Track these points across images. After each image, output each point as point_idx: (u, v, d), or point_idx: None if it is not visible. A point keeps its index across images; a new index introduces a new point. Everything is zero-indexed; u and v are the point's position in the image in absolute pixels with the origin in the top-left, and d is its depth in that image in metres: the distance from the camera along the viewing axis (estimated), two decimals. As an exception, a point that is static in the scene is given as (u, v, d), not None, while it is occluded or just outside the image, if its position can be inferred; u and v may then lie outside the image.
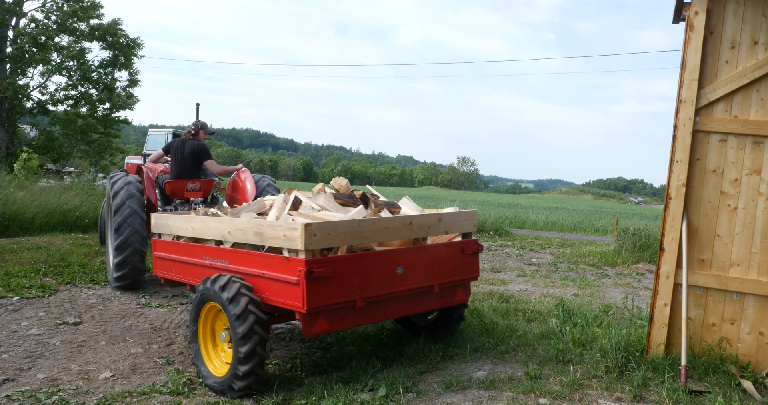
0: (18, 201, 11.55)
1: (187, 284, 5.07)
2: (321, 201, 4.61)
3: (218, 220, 4.58)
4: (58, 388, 4.03)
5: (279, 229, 3.89)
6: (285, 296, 3.88)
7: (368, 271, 4.08)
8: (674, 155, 4.69)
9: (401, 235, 4.37)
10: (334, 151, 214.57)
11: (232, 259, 4.36)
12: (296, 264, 3.75)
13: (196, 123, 7.65)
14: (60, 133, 25.50)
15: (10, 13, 24.08)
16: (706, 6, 4.56)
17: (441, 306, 4.79)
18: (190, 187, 7.45)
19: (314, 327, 3.87)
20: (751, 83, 4.53)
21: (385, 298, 4.23)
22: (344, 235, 3.94)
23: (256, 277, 4.09)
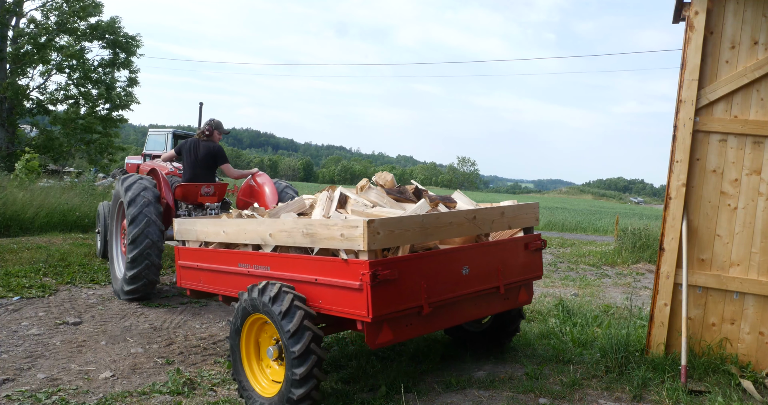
0: (18, 201, 11.55)
1: (219, 295, 4.66)
2: (373, 196, 4.22)
3: (257, 223, 4.15)
4: (58, 388, 4.03)
5: (334, 229, 3.47)
6: (343, 304, 3.46)
7: (434, 273, 3.66)
8: (674, 155, 4.69)
9: (465, 232, 3.93)
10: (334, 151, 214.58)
11: (275, 264, 3.95)
12: (358, 267, 3.33)
13: (210, 122, 7.13)
14: (60, 133, 25.50)
15: (10, 13, 24.08)
16: (706, 6, 4.57)
17: (505, 309, 4.36)
18: (204, 191, 6.89)
19: (379, 337, 3.44)
20: (751, 83, 4.53)
21: (451, 302, 3.83)
22: (408, 233, 3.50)
23: (306, 284, 3.69)
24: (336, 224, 3.47)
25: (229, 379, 4.32)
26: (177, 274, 5.12)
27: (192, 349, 5.02)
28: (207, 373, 4.43)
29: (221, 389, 4.15)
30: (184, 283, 5.02)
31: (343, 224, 3.42)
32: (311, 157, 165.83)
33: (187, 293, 5.10)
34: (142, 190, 6.32)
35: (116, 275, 6.77)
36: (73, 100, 26.13)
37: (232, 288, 4.40)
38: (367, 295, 3.30)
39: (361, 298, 3.34)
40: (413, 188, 4.39)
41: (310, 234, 3.67)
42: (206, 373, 4.43)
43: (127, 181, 6.48)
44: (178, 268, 5.09)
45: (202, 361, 4.74)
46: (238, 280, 4.29)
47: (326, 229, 3.54)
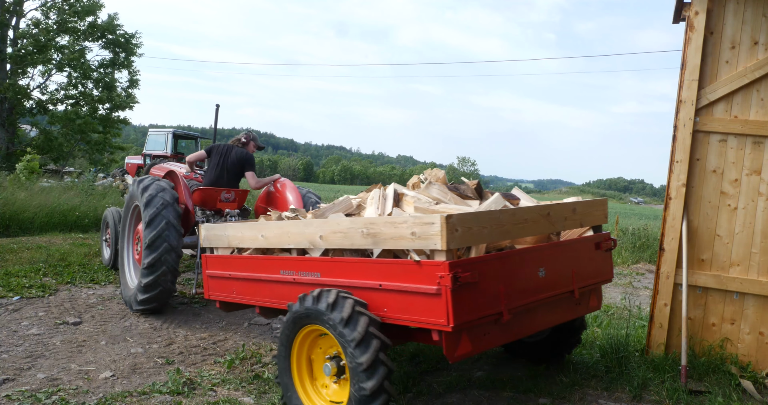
0: (18, 201, 11.55)
1: (256, 307, 4.29)
2: (435, 193, 3.88)
3: (304, 224, 3.77)
4: (58, 388, 4.03)
5: (403, 227, 3.11)
6: (415, 312, 3.09)
7: (512, 276, 3.32)
8: (674, 155, 4.69)
9: (539, 230, 3.60)
10: (334, 151, 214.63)
11: (326, 270, 3.59)
12: (434, 269, 2.97)
13: (248, 133, 6.91)
14: (59, 133, 25.51)
15: (10, 13, 24.09)
16: (706, 6, 4.57)
17: (577, 315, 4.03)
18: (224, 196, 6.51)
19: (458, 349, 3.08)
20: (751, 83, 4.53)
21: (528, 309, 3.48)
22: (485, 231, 3.16)
23: (367, 291, 3.33)
24: (405, 221, 3.10)
25: (229, 379, 4.32)
26: (204, 284, 4.74)
27: (192, 349, 5.02)
28: (207, 373, 4.43)
29: (221, 389, 4.15)
30: (213, 294, 4.64)
31: (414, 221, 3.05)
32: (311, 157, 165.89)
33: (216, 306, 4.73)
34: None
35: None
36: (74, 100, 26.15)
37: (272, 298, 4.03)
38: (446, 301, 2.93)
39: (438, 304, 2.97)
40: (475, 184, 4.03)
41: (373, 234, 3.29)
42: (206, 373, 4.43)
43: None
44: (205, 279, 4.72)
45: (202, 361, 4.75)
46: (281, 289, 3.93)
47: (392, 228, 3.17)
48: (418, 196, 3.83)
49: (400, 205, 3.88)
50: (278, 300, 3.98)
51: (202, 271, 6.06)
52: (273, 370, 4.55)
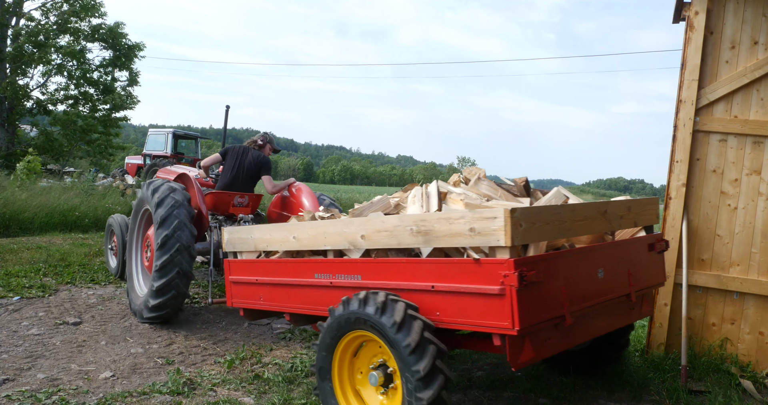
0: (18, 201, 11.55)
1: (285, 313, 4.04)
2: (485, 189, 3.70)
3: (343, 224, 3.53)
4: (58, 388, 4.03)
5: (460, 223, 2.88)
6: (474, 315, 2.87)
7: (574, 276, 3.12)
8: (674, 155, 4.69)
9: (597, 228, 3.40)
10: (334, 151, 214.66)
11: (369, 272, 3.35)
12: (496, 268, 2.75)
13: (265, 135, 6.67)
14: (60, 134, 25.52)
15: (10, 13, 24.10)
16: (706, 6, 4.57)
17: (631, 321, 3.81)
18: (238, 201, 6.28)
19: (522, 354, 2.85)
20: (751, 83, 4.54)
21: (587, 313, 3.25)
22: (547, 227, 2.95)
23: (417, 294, 3.10)
24: (463, 217, 2.88)
25: (229, 379, 4.32)
26: (227, 291, 4.53)
27: (192, 349, 5.02)
28: (207, 373, 4.43)
29: (221, 389, 4.15)
30: (237, 301, 4.39)
31: (473, 216, 2.83)
32: (311, 157, 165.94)
33: (240, 314, 4.47)
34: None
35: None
36: (73, 100, 26.15)
37: (305, 304, 3.78)
38: (511, 302, 2.71)
39: (502, 306, 2.74)
40: (523, 182, 3.84)
41: (424, 232, 3.06)
42: (206, 373, 4.43)
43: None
44: (228, 285, 4.49)
45: (202, 361, 4.75)
46: (316, 294, 3.69)
47: (447, 225, 2.95)
48: (465, 193, 3.59)
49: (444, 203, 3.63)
50: (312, 306, 3.74)
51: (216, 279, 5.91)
52: (273, 370, 4.55)
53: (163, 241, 5.32)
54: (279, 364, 4.68)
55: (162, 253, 5.32)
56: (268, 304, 4.13)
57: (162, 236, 5.32)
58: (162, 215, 5.40)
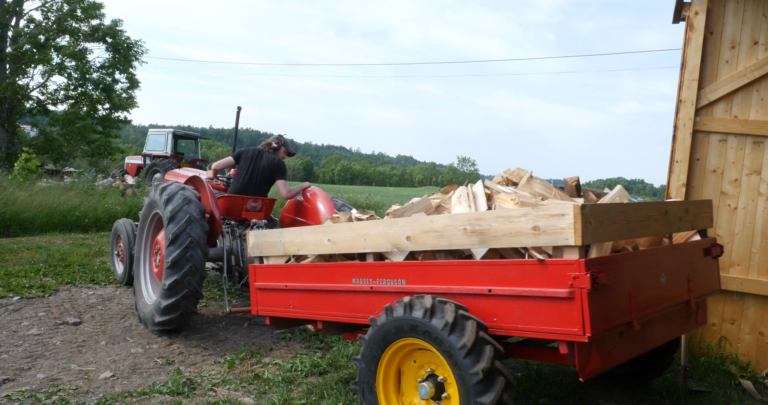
0: (18, 201, 11.55)
1: (318, 322, 3.80)
2: (539, 188, 3.51)
3: (386, 224, 3.31)
4: (58, 388, 4.03)
5: (521, 221, 2.70)
6: (538, 321, 2.66)
7: (640, 280, 2.94)
8: (674, 155, 4.69)
9: (658, 229, 3.22)
10: (334, 151, 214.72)
11: (414, 276, 3.14)
12: (565, 269, 2.56)
13: (280, 137, 6.43)
14: (59, 134, 25.53)
15: (10, 13, 24.11)
16: (706, 6, 4.57)
17: (688, 330, 3.63)
18: (251, 205, 6.04)
19: (590, 363, 2.66)
20: (751, 83, 4.54)
21: (651, 320, 3.06)
22: (615, 226, 2.77)
23: (473, 298, 2.90)
24: (525, 214, 2.70)
25: (229, 379, 4.31)
26: (252, 298, 4.28)
27: (192, 349, 5.02)
28: (207, 373, 4.43)
29: (221, 389, 4.15)
30: (264, 309, 4.16)
31: (537, 213, 2.65)
32: (311, 157, 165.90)
33: (266, 323, 4.27)
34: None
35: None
36: (73, 101, 26.17)
37: (341, 311, 3.56)
38: (581, 307, 2.51)
39: (570, 310, 2.55)
40: (575, 181, 3.69)
41: (479, 231, 2.86)
42: (206, 373, 4.43)
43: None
44: (253, 292, 4.25)
45: (202, 361, 4.75)
46: (354, 300, 3.47)
47: (507, 223, 2.76)
48: (517, 192, 3.40)
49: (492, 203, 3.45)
50: (349, 312, 3.52)
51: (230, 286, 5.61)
52: (273, 370, 4.55)
53: (174, 261, 5.01)
54: (279, 364, 4.68)
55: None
56: (299, 312, 3.88)
57: (173, 256, 5.02)
58: (175, 232, 5.08)
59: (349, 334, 3.98)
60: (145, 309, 5.49)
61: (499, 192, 3.47)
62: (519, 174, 3.82)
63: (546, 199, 3.32)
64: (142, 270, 6.00)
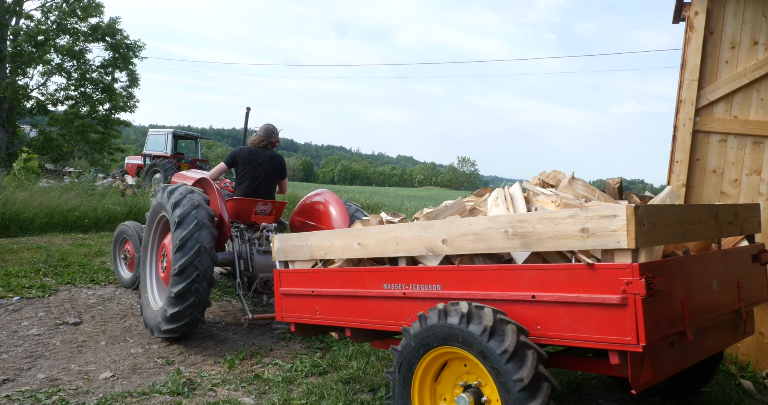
0: (18, 201, 11.55)
1: (346, 328, 3.64)
2: (581, 190, 3.36)
3: (420, 227, 3.16)
4: (58, 388, 4.03)
5: (568, 222, 2.54)
6: (586, 329, 2.51)
7: (692, 286, 2.79)
8: (674, 155, 4.69)
9: (708, 233, 3.05)
10: (334, 151, 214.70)
11: (452, 281, 3.00)
12: (617, 273, 2.41)
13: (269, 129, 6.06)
14: (58, 134, 25.53)
15: (9, 13, 24.12)
16: (706, 6, 4.57)
17: (736, 340, 3.44)
18: (261, 208, 5.83)
19: (643, 374, 2.51)
20: (751, 83, 4.54)
21: (702, 329, 2.90)
22: (667, 229, 2.60)
23: (514, 305, 2.75)
24: (573, 216, 2.54)
25: (229, 379, 4.31)
26: (277, 304, 4.14)
27: (192, 349, 5.02)
28: (207, 373, 4.43)
29: (221, 389, 4.15)
30: (289, 315, 4.02)
31: (586, 215, 2.50)
32: (311, 157, 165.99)
33: (291, 330, 4.11)
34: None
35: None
36: (74, 101, 26.17)
37: (371, 318, 3.42)
38: (635, 313, 2.36)
39: (623, 318, 2.39)
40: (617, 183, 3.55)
41: (522, 234, 2.71)
42: (206, 373, 4.43)
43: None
44: (278, 298, 4.10)
45: (202, 361, 4.75)
46: (385, 306, 3.33)
47: (552, 225, 2.60)
48: (558, 194, 3.26)
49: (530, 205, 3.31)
50: (380, 319, 3.38)
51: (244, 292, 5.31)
52: (273, 370, 4.55)
53: (181, 269, 4.81)
54: (279, 364, 4.68)
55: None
56: (326, 318, 3.74)
57: (180, 263, 4.81)
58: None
59: (378, 342, 3.82)
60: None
61: (538, 194, 3.33)
62: (555, 176, 3.68)
63: (590, 202, 3.19)
64: (148, 274, 5.78)
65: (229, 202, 5.80)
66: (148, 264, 5.82)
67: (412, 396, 2.95)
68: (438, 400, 2.98)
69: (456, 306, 2.75)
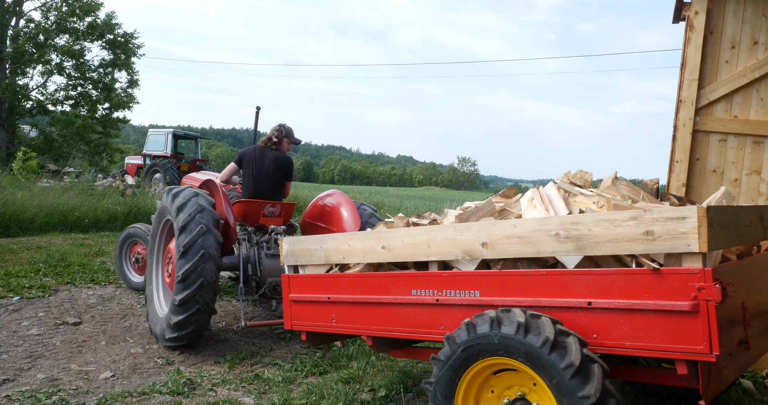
0: (18, 201, 11.55)
1: (367, 337, 3.44)
2: (625, 190, 3.22)
3: (456, 230, 2.98)
4: (58, 388, 4.03)
5: (629, 225, 2.40)
6: (649, 337, 2.37)
7: (750, 291, 2.70)
8: (674, 155, 4.69)
9: (757, 236, 2.94)
10: (334, 151, 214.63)
11: (493, 286, 2.82)
12: (687, 278, 2.27)
13: (280, 128, 5.84)
14: (58, 134, 25.53)
15: (9, 13, 24.12)
16: (706, 6, 4.57)
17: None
18: (269, 210, 5.64)
19: (712, 384, 2.41)
20: (751, 83, 4.54)
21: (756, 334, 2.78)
22: (729, 231, 2.50)
23: (566, 312, 2.59)
24: (635, 218, 2.39)
25: (229, 379, 4.31)
26: (285, 312, 3.92)
27: (192, 349, 5.02)
28: (207, 373, 4.43)
29: (221, 389, 4.15)
30: (300, 323, 3.79)
31: (651, 216, 2.35)
32: (311, 157, 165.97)
33: (302, 338, 3.90)
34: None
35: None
36: (73, 101, 26.18)
37: (400, 326, 3.20)
38: (707, 321, 2.23)
39: (694, 325, 2.25)
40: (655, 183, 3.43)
41: (576, 237, 2.56)
42: (206, 373, 4.43)
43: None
44: (287, 304, 3.88)
45: (202, 361, 4.75)
46: (416, 313, 3.12)
47: (611, 227, 2.45)
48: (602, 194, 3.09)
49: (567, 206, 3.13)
50: (408, 328, 3.18)
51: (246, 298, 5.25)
52: (273, 370, 4.55)
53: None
54: (279, 364, 4.68)
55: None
56: (344, 327, 3.52)
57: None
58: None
59: (398, 352, 3.65)
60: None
61: (575, 194, 3.17)
62: (582, 176, 3.54)
63: (637, 203, 3.03)
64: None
65: (237, 204, 5.63)
66: (154, 269, 5.64)
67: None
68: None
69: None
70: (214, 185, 5.67)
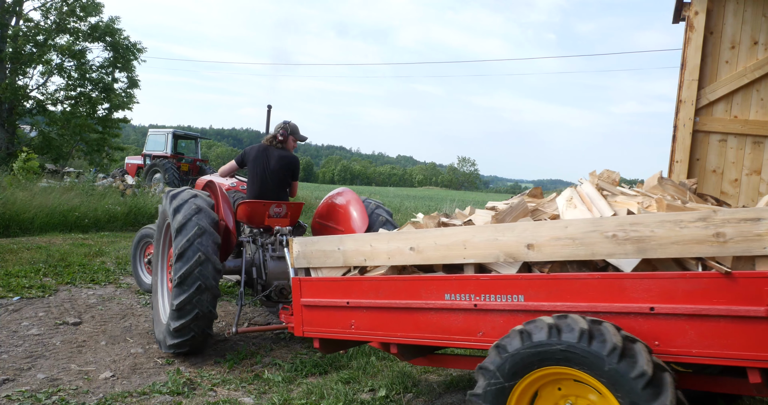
0: (18, 201, 11.55)
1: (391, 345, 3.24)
2: (672, 190, 3.12)
3: (497, 230, 2.81)
4: (58, 388, 4.03)
5: (697, 226, 2.30)
6: (718, 344, 2.27)
7: None
8: (674, 155, 4.69)
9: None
10: (334, 151, 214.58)
11: (540, 291, 2.65)
12: (763, 283, 2.18)
13: (285, 126, 5.64)
14: (56, 134, 25.51)
15: (9, 13, 24.12)
16: (706, 6, 4.57)
17: None
18: (275, 211, 5.45)
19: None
20: (751, 83, 4.54)
21: None
22: None
23: (625, 317, 2.46)
24: (704, 218, 2.29)
25: (229, 379, 4.31)
26: (296, 318, 3.72)
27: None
28: (207, 373, 4.43)
29: (221, 389, 4.15)
30: (313, 330, 3.56)
31: (723, 217, 2.25)
32: (311, 157, 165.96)
33: (315, 346, 3.70)
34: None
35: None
36: (73, 101, 26.17)
37: (431, 333, 3.02)
38: None
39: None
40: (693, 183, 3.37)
41: (637, 238, 2.44)
42: (206, 373, 4.43)
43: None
44: (298, 310, 3.67)
45: (202, 361, 4.74)
46: (450, 319, 2.94)
47: (676, 229, 2.34)
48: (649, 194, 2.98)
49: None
50: (441, 335, 3.00)
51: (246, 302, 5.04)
52: (273, 370, 4.55)
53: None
54: (279, 364, 4.68)
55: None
56: (365, 334, 3.30)
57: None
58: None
59: (421, 359, 3.49)
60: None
61: (615, 194, 3.05)
62: (609, 176, 3.45)
63: (687, 204, 2.91)
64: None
65: (242, 204, 5.43)
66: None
67: None
68: None
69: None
70: (213, 185, 5.56)
